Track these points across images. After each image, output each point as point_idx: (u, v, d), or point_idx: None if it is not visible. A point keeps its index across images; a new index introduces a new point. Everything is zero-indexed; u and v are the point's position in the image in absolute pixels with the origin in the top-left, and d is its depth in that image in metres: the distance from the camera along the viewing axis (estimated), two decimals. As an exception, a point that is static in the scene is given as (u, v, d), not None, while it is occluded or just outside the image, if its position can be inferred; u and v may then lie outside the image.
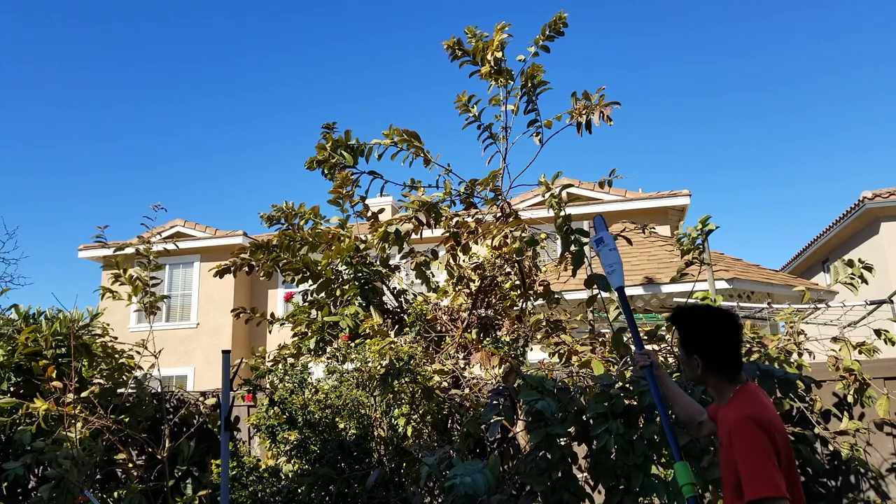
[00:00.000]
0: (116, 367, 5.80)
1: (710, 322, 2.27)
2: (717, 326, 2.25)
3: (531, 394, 3.49)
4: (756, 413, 2.11)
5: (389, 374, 4.25)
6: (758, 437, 2.06)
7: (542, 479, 3.48)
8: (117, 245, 5.83)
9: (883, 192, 14.29)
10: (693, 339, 2.29)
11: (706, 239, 5.19)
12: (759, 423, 2.08)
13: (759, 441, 2.05)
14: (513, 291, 5.14)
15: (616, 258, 3.29)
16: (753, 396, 2.20)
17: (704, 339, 2.26)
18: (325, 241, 5.33)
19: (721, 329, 2.25)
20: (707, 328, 2.26)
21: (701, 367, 2.27)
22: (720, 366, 2.24)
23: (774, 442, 2.06)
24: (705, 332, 2.26)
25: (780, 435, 2.11)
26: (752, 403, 2.17)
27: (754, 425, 2.07)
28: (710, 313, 2.29)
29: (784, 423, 4.61)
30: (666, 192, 15.10)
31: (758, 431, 2.06)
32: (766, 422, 2.09)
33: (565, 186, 4.79)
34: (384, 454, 4.60)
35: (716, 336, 2.24)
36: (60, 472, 4.84)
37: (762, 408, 2.15)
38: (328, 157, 5.23)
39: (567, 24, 5.13)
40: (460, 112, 5.27)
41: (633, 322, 3.03)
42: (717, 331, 2.24)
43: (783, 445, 2.10)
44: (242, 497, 4.74)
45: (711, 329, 2.25)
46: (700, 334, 2.27)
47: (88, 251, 17.91)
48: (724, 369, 2.24)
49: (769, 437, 2.06)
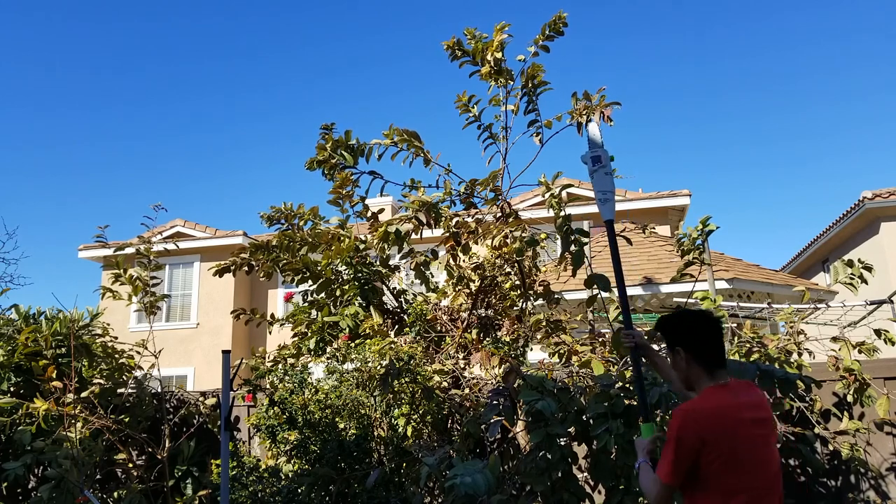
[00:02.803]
0: (116, 367, 5.79)
1: (693, 318, 2.47)
2: (699, 321, 2.45)
3: (531, 394, 3.49)
4: (690, 408, 2.33)
5: (389, 374, 4.24)
6: (673, 429, 2.28)
7: (542, 479, 3.48)
8: (117, 245, 5.83)
9: (883, 192, 14.29)
10: (678, 334, 2.47)
11: (706, 239, 5.18)
12: (686, 418, 2.28)
13: (674, 433, 2.27)
14: (513, 291, 5.13)
15: (611, 185, 3.05)
16: (712, 393, 2.37)
17: (688, 332, 2.44)
18: (324, 242, 5.32)
19: (703, 324, 2.44)
20: (691, 322, 2.46)
21: (685, 358, 2.44)
22: (702, 356, 2.41)
23: (703, 445, 2.23)
24: (689, 326, 2.45)
25: (726, 434, 2.25)
26: (701, 399, 2.38)
27: (679, 418, 2.29)
28: (694, 313, 2.50)
29: (784, 423, 4.64)
30: (666, 192, 15.10)
31: (678, 423, 2.28)
32: (696, 418, 2.27)
33: (565, 186, 4.78)
34: (384, 454, 4.60)
35: (699, 329, 2.43)
36: (60, 472, 4.84)
37: (705, 405, 2.33)
38: (328, 157, 5.23)
39: (567, 24, 5.12)
40: (460, 112, 5.27)
41: (623, 291, 3.04)
42: (699, 325, 2.44)
43: (724, 446, 2.24)
44: (242, 497, 4.74)
45: (695, 323, 2.45)
46: (684, 328, 2.46)
47: (88, 251, 17.90)
48: (706, 361, 2.41)
49: (695, 440, 2.25)
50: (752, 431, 2.32)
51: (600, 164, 3.04)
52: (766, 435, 2.37)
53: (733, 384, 2.43)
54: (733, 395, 2.38)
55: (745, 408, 2.35)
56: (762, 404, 2.42)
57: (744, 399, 2.38)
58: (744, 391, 2.43)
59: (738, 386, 2.44)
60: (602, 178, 3.04)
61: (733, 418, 2.32)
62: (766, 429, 2.38)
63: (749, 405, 2.37)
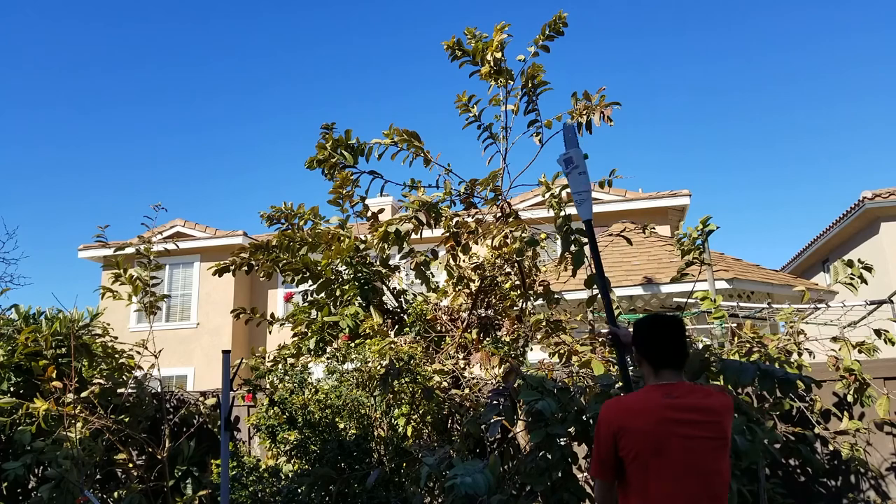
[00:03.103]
0: (116, 367, 5.79)
1: (644, 321, 2.61)
2: (648, 324, 2.58)
3: (531, 394, 3.49)
4: (611, 401, 2.53)
5: (389, 374, 4.24)
6: (596, 429, 2.47)
7: (542, 479, 3.48)
8: (117, 245, 5.83)
9: (883, 192, 14.28)
10: (634, 336, 2.64)
11: (706, 239, 5.18)
12: (605, 418, 2.43)
13: (596, 432, 2.46)
14: (513, 291, 5.13)
15: (586, 184, 3.06)
16: (645, 390, 2.50)
17: (638, 334, 2.60)
18: (324, 242, 5.32)
19: (651, 327, 2.56)
20: (641, 325, 2.60)
21: (637, 359, 2.61)
22: (648, 357, 2.52)
23: (617, 438, 2.37)
24: (640, 328, 2.60)
25: (642, 430, 2.34)
26: (631, 395, 2.57)
27: (601, 418, 2.46)
28: (648, 317, 2.64)
29: (784, 423, 4.64)
30: (666, 192, 15.10)
31: (600, 424, 2.45)
32: (612, 418, 2.42)
33: (565, 186, 4.78)
34: (384, 454, 4.59)
35: (647, 331, 2.56)
36: (60, 472, 4.84)
37: (627, 399, 2.51)
38: (328, 156, 5.23)
39: (567, 24, 5.12)
40: (460, 112, 5.26)
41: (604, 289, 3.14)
42: (648, 327, 2.57)
43: (641, 442, 2.33)
44: (242, 497, 4.74)
45: (644, 326, 2.59)
46: (637, 331, 2.61)
47: (88, 251, 17.90)
48: (651, 361, 2.51)
49: (609, 430, 2.40)
50: (682, 432, 2.30)
51: (573, 165, 3.04)
52: (704, 440, 2.32)
53: (678, 386, 2.42)
54: (667, 394, 2.39)
55: (679, 409, 2.34)
56: (712, 410, 2.37)
57: (682, 401, 2.37)
58: (689, 394, 2.40)
59: (683, 388, 2.42)
60: (576, 178, 3.06)
61: (657, 416, 2.34)
62: (705, 433, 2.33)
63: (688, 407, 2.35)
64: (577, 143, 3.13)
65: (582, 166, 3.06)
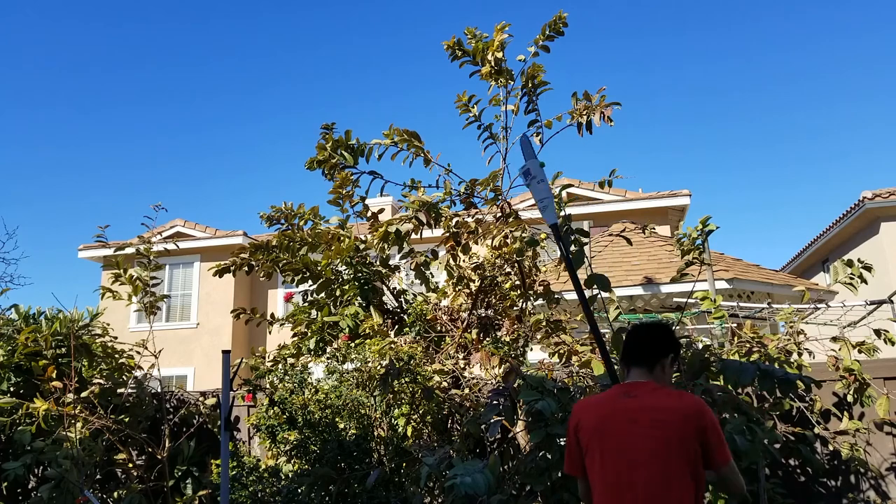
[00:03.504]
0: (116, 367, 5.79)
1: (629, 327, 2.76)
2: (629, 329, 2.72)
3: (531, 394, 3.49)
4: (576, 404, 2.68)
5: (389, 374, 4.24)
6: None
7: (542, 479, 3.48)
8: (117, 245, 5.82)
9: (883, 192, 14.28)
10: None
11: (706, 239, 5.18)
12: (572, 414, 2.63)
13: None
14: (513, 291, 5.13)
15: (547, 192, 3.21)
16: (602, 393, 2.67)
17: (623, 346, 2.69)
18: (324, 242, 5.32)
19: (629, 331, 2.68)
20: (626, 335, 2.70)
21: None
22: (622, 359, 2.67)
23: (576, 431, 2.55)
24: (625, 339, 2.69)
25: (588, 426, 2.51)
26: (589, 397, 2.75)
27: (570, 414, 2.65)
28: (633, 325, 2.76)
29: (784, 422, 4.64)
30: (666, 192, 15.10)
31: (568, 420, 2.65)
32: (574, 413, 2.62)
33: (565, 186, 4.78)
34: (384, 454, 4.59)
35: (626, 337, 2.68)
36: (60, 472, 4.84)
37: (591, 397, 2.70)
38: (328, 157, 5.23)
39: (567, 24, 5.12)
40: (461, 112, 5.26)
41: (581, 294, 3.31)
42: (627, 331, 2.70)
43: (589, 434, 2.50)
44: (242, 497, 4.74)
45: (626, 331, 2.72)
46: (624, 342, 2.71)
47: (88, 251, 17.90)
48: (623, 363, 2.65)
49: (571, 425, 2.60)
50: (623, 428, 2.40)
51: (531, 176, 3.18)
52: (645, 437, 2.36)
53: (641, 385, 2.50)
54: (626, 392, 2.50)
55: (630, 405, 2.43)
56: (669, 409, 2.39)
57: (637, 400, 2.44)
58: (650, 394, 2.45)
59: (646, 388, 2.48)
60: (536, 187, 3.18)
61: (606, 409, 2.48)
62: (650, 430, 2.36)
63: (641, 406, 2.42)
64: (534, 154, 3.27)
65: (540, 175, 3.19)
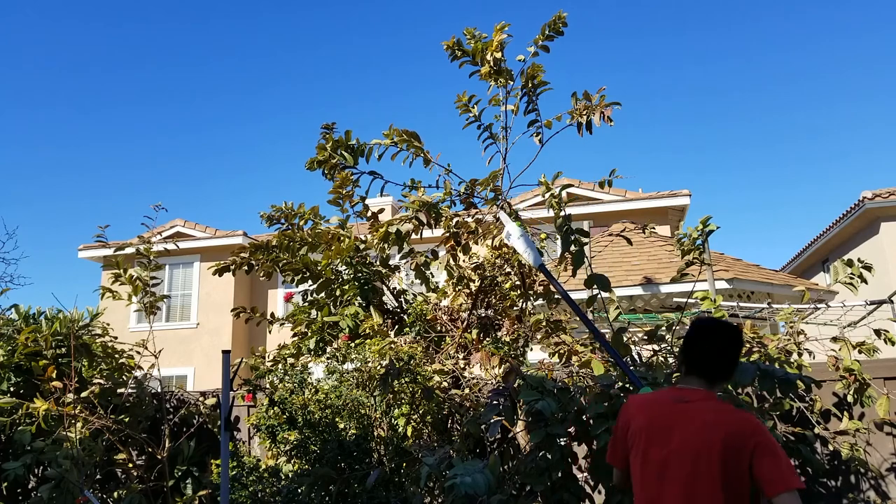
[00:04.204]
0: (116, 367, 5.79)
1: (693, 326, 2.60)
2: (692, 329, 2.57)
3: (531, 394, 3.49)
4: (628, 400, 2.67)
5: (389, 374, 4.24)
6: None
7: (542, 479, 3.48)
8: (117, 245, 5.82)
9: (883, 192, 14.29)
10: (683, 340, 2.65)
11: (706, 239, 5.18)
12: (621, 409, 2.61)
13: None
14: (513, 291, 5.13)
15: (525, 243, 3.86)
16: (654, 393, 2.62)
17: (684, 342, 2.60)
18: (324, 242, 5.32)
19: (692, 332, 2.56)
20: (690, 326, 2.60)
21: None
22: (680, 360, 2.59)
23: (626, 428, 2.53)
24: (688, 337, 2.59)
25: (634, 429, 2.47)
26: (641, 395, 2.68)
27: (620, 409, 2.65)
28: (696, 322, 2.62)
29: (784, 423, 4.64)
30: (666, 192, 15.10)
31: (618, 414, 2.64)
32: (626, 405, 2.61)
33: (565, 186, 4.78)
34: (384, 454, 4.60)
35: (687, 336, 2.58)
36: (60, 472, 4.84)
37: (642, 396, 2.64)
38: (328, 157, 5.23)
39: (567, 24, 5.12)
40: (460, 112, 5.26)
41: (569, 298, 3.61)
42: (690, 332, 2.57)
43: (635, 430, 2.47)
44: (242, 497, 4.74)
45: (690, 330, 2.59)
46: (685, 338, 2.61)
47: (88, 251, 17.90)
48: (681, 364, 2.58)
49: (620, 414, 2.60)
50: (667, 437, 2.34)
51: (511, 236, 3.91)
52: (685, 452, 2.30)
53: (694, 393, 2.41)
54: (679, 397, 2.42)
55: (680, 416, 2.36)
56: (714, 424, 2.30)
57: (685, 409, 2.36)
58: (700, 403, 2.37)
59: (697, 396, 2.40)
60: (517, 242, 3.87)
61: (657, 412, 2.42)
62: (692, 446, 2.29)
63: (691, 418, 2.34)
64: (511, 220, 4.10)
65: (517, 233, 3.88)
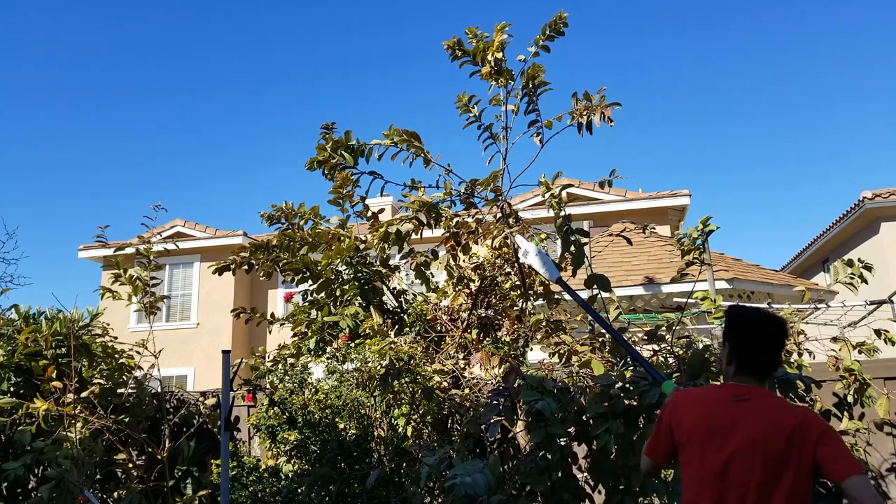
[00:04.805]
0: (116, 367, 5.79)
1: (745, 319, 2.42)
2: (749, 324, 2.40)
3: (531, 394, 3.49)
4: (680, 391, 2.56)
5: (389, 374, 4.24)
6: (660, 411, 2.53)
7: (542, 479, 3.48)
8: (117, 245, 5.82)
9: (883, 192, 14.28)
10: (728, 329, 2.45)
11: (706, 239, 5.18)
12: (672, 398, 2.49)
13: (659, 414, 2.53)
14: (513, 291, 5.13)
15: (542, 259, 4.05)
16: (716, 386, 2.49)
17: (734, 331, 2.41)
18: (325, 242, 5.32)
19: (751, 328, 2.38)
20: (742, 322, 2.41)
21: (726, 353, 2.43)
22: (735, 357, 2.39)
23: (672, 424, 2.40)
24: (739, 325, 2.41)
25: (685, 427, 2.35)
26: (693, 390, 2.57)
27: (667, 402, 2.52)
28: (752, 314, 2.44)
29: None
30: (666, 192, 15.10)
31: (663, 407, 2.51)
32: (675, 401, 2.46)
33: (565, 186, 4.78)
34: (384, 454, 4.60)
35: (744, 331, 2.39)
36: (60, 472, 4.84)
37: (692, 391, 2.52)
38: (328, 157, 5.23)
39: (567, 24, 5.12)
40: (461, 112, 5.26)
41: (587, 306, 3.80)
42: (747, 327, 2.39)
43: (687, 428, 2.35)
44: (242, 497, 4.74)
45: (744, 324, 2.40)
46: (734, 326, 2.42)
47: (88, 251, 17.90)
48: (737, 362, 2.38)
49: (667, 410, 2.46)
50: (728, 440, 2.21)
51: (527, 256, 4.12)
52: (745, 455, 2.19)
53: (753, 391, 2.29)
54: (737, 395, 2.28)
55: (737, 413, 2.24)
56: (774, 423, 2.21)
57: (745, 408, 2.24)
58: (762, 400, 2.26)
59: (757, 394, 2.28)
60: (533, 259, 4.06)
61: (713, 412, 2.27)
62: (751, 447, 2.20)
63: (750, 417, 2.22)
64: (524, 239, 4.34)
65: (532, 251, 4.08)
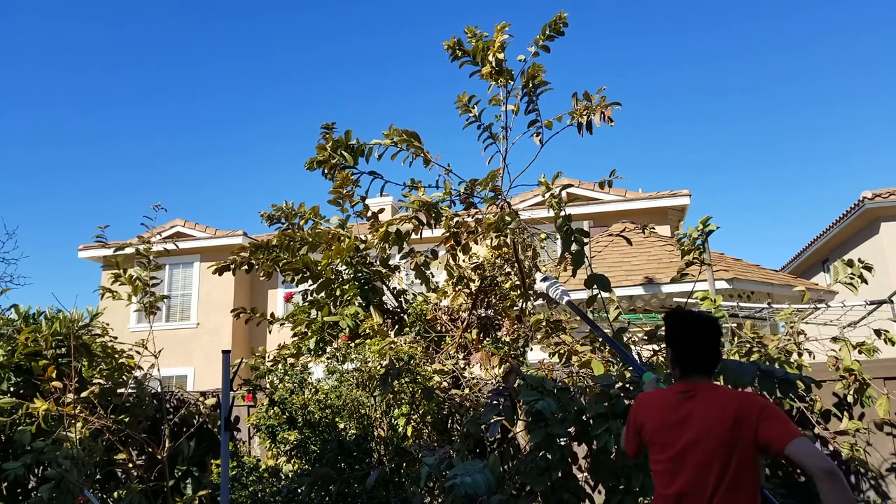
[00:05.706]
0: (116, 367, 5.79)
1: (677, 320, 2.56)
2: (681, 325, 2.54)
3: (531, 394, 3.49)
4: (640, 395, 2.69)
5: (389, 374, 4.24)
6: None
7: (542, 479, 3.48)
8: (117, 245, 5.82)
9: (883, 192, 14.28)
10: (666, 333, 2.61)
11: (706, 239, 5.18)
12: (631, 410, 2.62)
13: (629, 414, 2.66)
14: (513, 291, 5.13)
15: (557, 290, 4.46)
16: (659, 395, 2.58)
17: (670, 333, 2.57)
18: (325, 241, 5.32)
19: (684, 328, 2.53)
20: (675, 324, 2.56)
21: (669, 356, 2.58)
22: (676, 358, 2.53)
23: (638, 427, 2.55)
24: (673, 327, 2.56)
25: (648, 429, 2.49)
26: (650, 396, 2.63)
27: (631, 409, 2.65)
28: (682, 315, 2.58)
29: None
30: (666, 192, 15.09)
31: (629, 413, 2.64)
32: (634, 408, 2.61)
33: (565, 186, 4.78)
34: (384, 454, 4.60)
35: (678, 332, 2.54)
36: (60, 472, 4.84)
37: (645, 401, 2.60)
38: (328, 157, 5.23)
39: (567, 24, 5.12)
40: (461, 112, 5.26)
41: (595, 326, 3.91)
42: (680, 328, 2.54)
43: (649, 430, 2.49)
44: (242, 497, 4.74)
45: (677, 325, 2.55)
46: (669, 329, 2.58)
47: (88, 251, 17.90)
48: (679, 363, 2.52)
49: (631, 413, 2.61)
50: (682, 434, 2.35)
51: (547, 289, 4.51)
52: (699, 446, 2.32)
53: (699, 387, 2.42)
54: (685, 392, 2.43)
55: (686, 411, 2.38)
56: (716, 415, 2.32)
57: (693, 402, 2.38)
58: (707, 392, 2.39)
59: (703, 388, 2.41)
60: (554, 290, 4.46)
61: (669, 412, 2.42)
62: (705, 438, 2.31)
63: (693, 411, 2.36)
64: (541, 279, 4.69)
65: (550, 286, 4.49)
